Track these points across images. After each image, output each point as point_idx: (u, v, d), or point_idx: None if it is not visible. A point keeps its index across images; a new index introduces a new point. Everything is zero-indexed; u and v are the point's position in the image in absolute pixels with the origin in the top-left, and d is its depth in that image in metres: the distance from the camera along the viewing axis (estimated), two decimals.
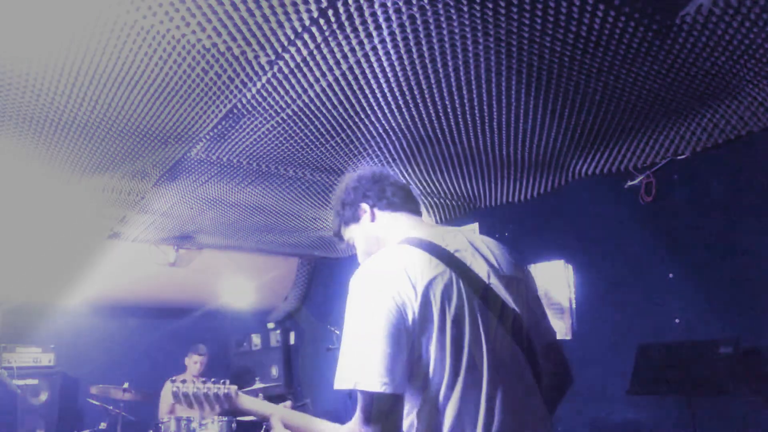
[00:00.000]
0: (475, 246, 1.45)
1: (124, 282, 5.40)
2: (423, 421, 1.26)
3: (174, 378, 2.00)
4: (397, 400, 1.22)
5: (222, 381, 1.74)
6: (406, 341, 1.23)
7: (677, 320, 3.13)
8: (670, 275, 3.19)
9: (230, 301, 5.98)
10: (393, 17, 1.96)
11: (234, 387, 1.70)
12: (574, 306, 3.68)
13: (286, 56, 2.21)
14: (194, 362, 5.34)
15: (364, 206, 1.59)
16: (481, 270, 1.39)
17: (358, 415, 1.23)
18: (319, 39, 2.09)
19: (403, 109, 2.69)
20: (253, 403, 1.70)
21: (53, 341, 5.28)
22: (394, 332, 1.21)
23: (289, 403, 1.71)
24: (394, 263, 1.32)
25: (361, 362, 1.21)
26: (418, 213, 1.61)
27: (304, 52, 2.18)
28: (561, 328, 3.70)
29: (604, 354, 3.45)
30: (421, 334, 1.25)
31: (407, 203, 1.60)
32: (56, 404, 5.11)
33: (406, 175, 3.61)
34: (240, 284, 5.88)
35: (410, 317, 1.24)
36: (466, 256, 1.40)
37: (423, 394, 1.26)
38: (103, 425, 4.69)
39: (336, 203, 1.66)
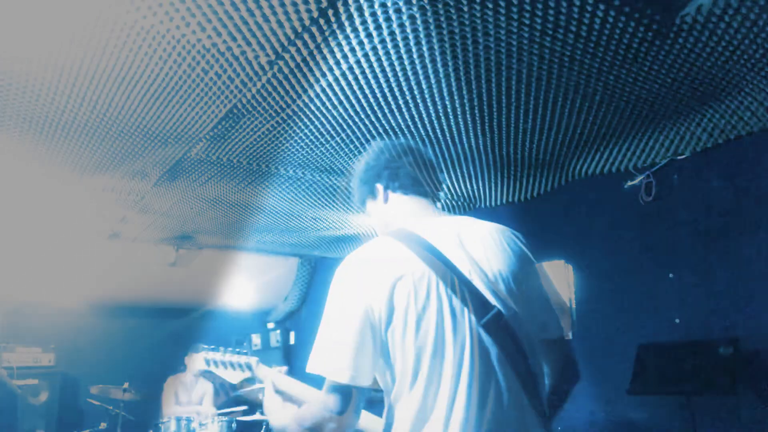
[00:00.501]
0: (465, 242, 1.42)
1: (124, 282, 5.40)
2: (391, 413, 1.33)
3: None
4: (359, 390, 1.30)
5: (244, 351, 1.98)
6: (373, 337, 1.30)
7: (677, 320, 3.13)
8: (670, 275, 3.19)
9: (230, 301, 5.98)
10: (393, 17, 1.96)
11: (255, 358, 1.91)
12: (574, 306, 3.68)
13: (286, 56, 2.21)
14: (194, 362, 5.34)
15: (378, 187, 1.60)
16: (463, 266, 1.37)
17: (324, 395, 1.32)
18: (319, 39, 2.09)
19: (403, 109, 2.69)
20: (262, 371, 1.86)
21: (53, 341, 5.28)
22: (361, 328, 1.29)
23: (285, 368, 1.81)
24: (370, 259, 1.38)
25: (329, 352, 1.31)
26: (429, 195, 1.60)
27: (304, 52, 2.18)
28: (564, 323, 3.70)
29: (604, 354, 3.45)
30: (387, 331, 1.30)
31: (419, 185, 1.59)
32: (56, 404, 5.11)
33: None
34: (240, 284, 5.88)
35: (377, 315, 1.30)
36: (450, 251, 1.38)
37: (392, 386, 1.33)
38: (103, 425, 4.69)
39: (355, 178, 1.68)
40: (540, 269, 1.55)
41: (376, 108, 2.67)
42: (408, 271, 1.32)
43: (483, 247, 1.44)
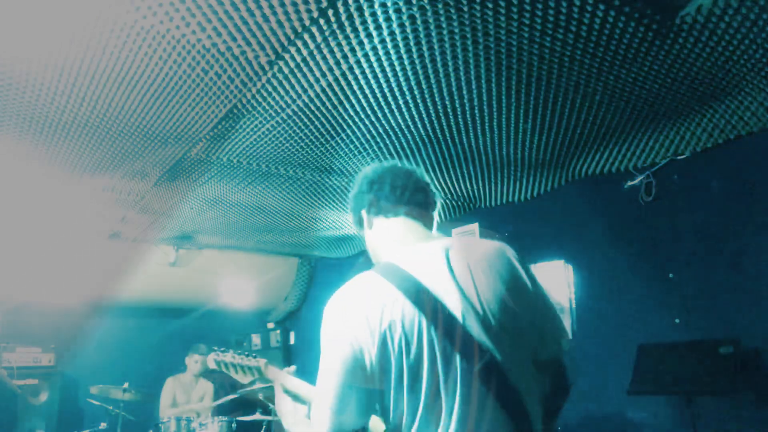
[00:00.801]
0: (455, 271, 1.34)
1: (124, 282, 5.40)
2: None
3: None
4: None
5: (253, 355, 2.01)
6: (364, 383, 1.27)
7: (677, 320, 3.13)
8: (670, 275, 3.19)
9: (230, 301, 5.98)
10: (393, 17, 1.96)
11: (263, 360, 1.94)
12: (574, 306, 3.68)
13: (286, 56, 2.21)
14: (195, 362, 5.34)
15: (363, 213, 1.57)
16: (453, 304, 1.29)
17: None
18: (319, 39, 2.09)
19: (403, 109, 2.69)
20: (272, 373, 1.84)
21: (53, 341, 5.28)
22: (349, 378, 1.27)
23: (293, 367, 1.82)
24: (357, 304, 1.31)
25: (318, 406, 1.31)
26: (416, 216, 1.52)
27: (304, 52, 2.18)
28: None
29: (604, 354, 3.45)
30: (381, 378, 1.27)
31: (402, 205, 1.52)
32: (56, 404, 5.11)
33: None
34: (240, 284, 5.88)
35: (368, 363, 1.26)
36: (440, 286, 1.31)
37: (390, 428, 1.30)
38: (103, 425, 4.69)
39: (348, 210, 1.67)
40: (538, 288, 1.45)
41: (376, 108, 2.67)
42: (398, 317, 1.26)
43: (475, 277, 1.35)
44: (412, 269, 1.33)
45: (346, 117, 2.76)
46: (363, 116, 2.76)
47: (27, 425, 4.84)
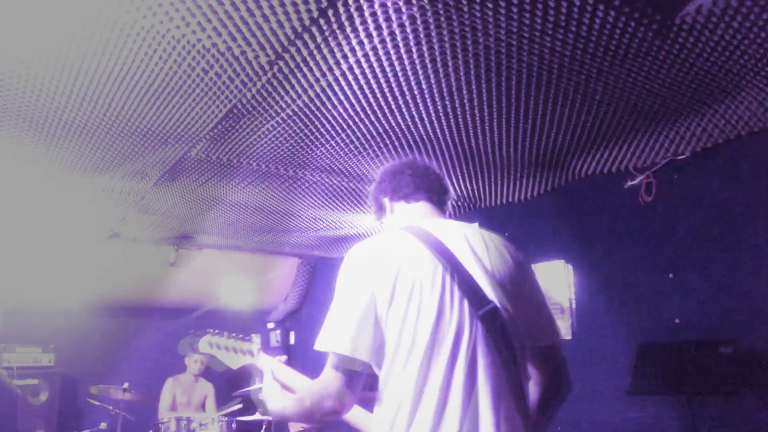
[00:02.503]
0: (470, 242, 1.50)
1: (124, 282, 5.40)
2: (384, 390, 1.37)
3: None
4: (360, 364, 1.37)
5: (248, 337, 2.05)
6: (375, 316, 1.37)
7: (677, 320, 3.13)
8: (670, 275, 3.19)
9: (230, 301, 5.98)
10: (393, 17, 1.96)
11: (257, 346, 1.99)
12: (574, 306, 3.68)
13: (286, 56, 2.21)
14: (194, 361, 5.34)
15: (385, 201, 1.74)
16: (466, 260, 1.44)
17: (328, 370, 1.40)
18: (319, 39, 2.09)
19: (403, 109, 2.69)
20: (263, 358, 1.91)
21: (53, 341, 5.28)
22: (365, 307, 1.37)
23: (284, 357, 1.88)
24: (378, 246, 1.47)
25: (333, 329, 1.39)
26: (435, 200, 1.69)
27: (304, 52, 2.18)
28: (561, 328, 3.70)
29: (604, 354, 3.45)
30: (389, 311, 1.37)
31: (422, 191, 1.68)
32: (56, 404, 5.11)
33: None
34: (240, 284, 5.88)
35: (380, 296, 1.37)
36: (457, 248, 1.46)
37: (388, 364, 1.38)
38: (103, 425, 4.69)
39: (370, 201, 1.83)
40: (535, 279, 1.60)
41: (376, 108, 2.67)
42: (413, 258, 1.40)
43: (485, 249, 1.51)
44: (430, 229, 1.50)
45: (346, 117, 2.76)
46: (363, 116, 2.76)
47: (27, 425, 4.84)
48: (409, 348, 1.34)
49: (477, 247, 1.49)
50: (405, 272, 1.38)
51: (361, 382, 1.40)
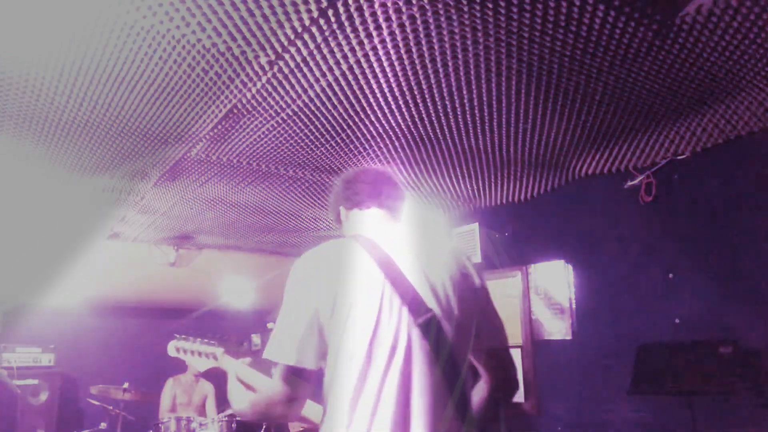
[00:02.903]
0: (415, 249, 1.55)
1: (124, 282, 5.40)
2: (331, 398, 1.42)
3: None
4: (306, 372, 1.44)
5: (213, 342, 2.22)
6: (318, 329, 1.44)
7: (677, 320, 3.13)
8: (670, 275, 3.19)
9: (230, 301, 5.98)
10: (393, 17, 1.96)
11: (220, 350, 2.13)
12: (574, 306, 3.68)
13: (286, 56, 2.21)
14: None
15: (341, 209, 1.79)
16: (407, 268, 1.48)
17: (276, 379, 1.46)
18: (319, 39, 2.09)
19: (403, 109, 2.69)
20: (227, 361, 2.06)
21: (53, 341, 5.29)
22: (308, 321, 1.43)
23: (249, 359, 2.01)
24: (321, 260, 1.52)
25: (280, 341, 1.45)
26: (388, 207, 1.72)
27: (304, 52, 2.18)
28: (561, 328, 3.70)
29: (604, 354, 3.45)
30: (332, 320, 1.43)
31: (375, 199, 1.72)
32: (56, 404, 5.11)
33: (407, 175, 3.61)
34: (240, 284, 5.88)
35: (323, 306, 1.43)
36: (400, 256, 1.50)
37: (332, 372, 1.44)
38: (103, 425, 4.69)
39: (330, 209, 1.89)
40: (482, 285, 1.62)
41: (376, 108, 2.67)
42: (355, 268, 1.46)
43: (429, 255, 1.55)
44: (375, 238, 1.55)
45: (346, 117, 2.76)
46: (363, 116, 2.76)
47: (27, 425, 4.84)
48: (350, 356, 1.39)
49: (421, 254, 1.54)
50: (346, 283, 1.44)
51: (309, 389, 1.47)
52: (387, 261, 1.48)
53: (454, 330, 1.46)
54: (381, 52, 2.19)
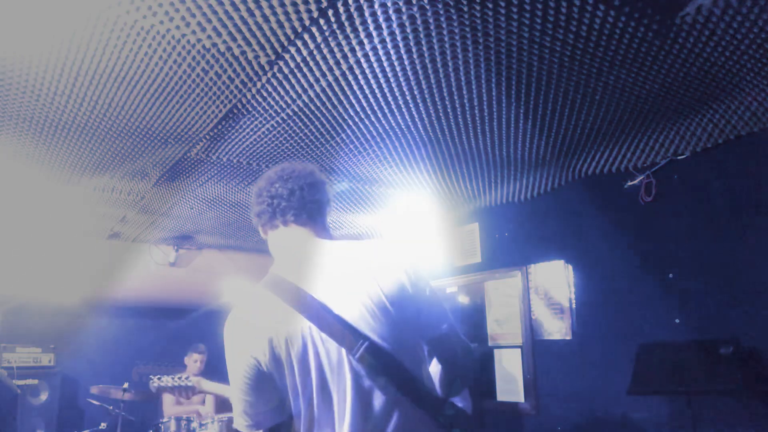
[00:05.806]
0: (339, 268, 1.47)
1: (124, 282, 5.40)
2: None
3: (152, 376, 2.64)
4: (268, 426, 1.49)
5: (186, 377, 2.50)
6: (266, 383, 1.45)
7: (677, 320, 3.13)
8: (670, 275, 3.19)
9: (230, 301, 5.98)
10: (393, 17, 1.96)
11: (195, 379, 2.40)
12: (574, 306, 3.68)
13: (286, 56, 2.21)
14: (194, 361, 5.34)
15: (260, 230, 1.69)
16: (332, 300, 1.42)
17: None
18: (319, 39, 2.09)
19: (403, 109, 2.69)
20: (207, 385, 2.37)
21: (53, 341, 5.28)
22: (252, 384, 1.45)
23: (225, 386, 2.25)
24: (244, 322, 1.49)
25: (236, 409, 1.51)
26: (306, 217, 1.57)
27: (304, 52, 2.18)
28: (561, 328, 3.70)
29: (604, 354, 3.45)
30: (278, 379, 1.45)
31: (287, 213, 1.57)
32: (56, 404, 5.11)
33: (407, 175, 3.61)
34: (240, 284, 5.88)
35: (265, 368, 1.43)
36: (323, 288, 1.44)
37: (296, 425, 1.48)
38: (103, 425, 4.69)
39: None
40: (418, 282, 1.49)
41: (376, 108, 2.67)
42: (278, 321, 1.42)
43: (357, 270, 1.45)
44: (293, 275, 1.46)
45: (346, 117, 2.76)
46: (363, 116, 2.76)
47: (27, 425, 4.84)
48: (305, 410, 1.43)
49: (347, 272, 1.45)
50: (277, 340, 1.41)
51: (285, 427, 1.51)
52: (304, 302, 1.41)
53: (395, 344, 1.42)
54: (381, 52, 2.19)
